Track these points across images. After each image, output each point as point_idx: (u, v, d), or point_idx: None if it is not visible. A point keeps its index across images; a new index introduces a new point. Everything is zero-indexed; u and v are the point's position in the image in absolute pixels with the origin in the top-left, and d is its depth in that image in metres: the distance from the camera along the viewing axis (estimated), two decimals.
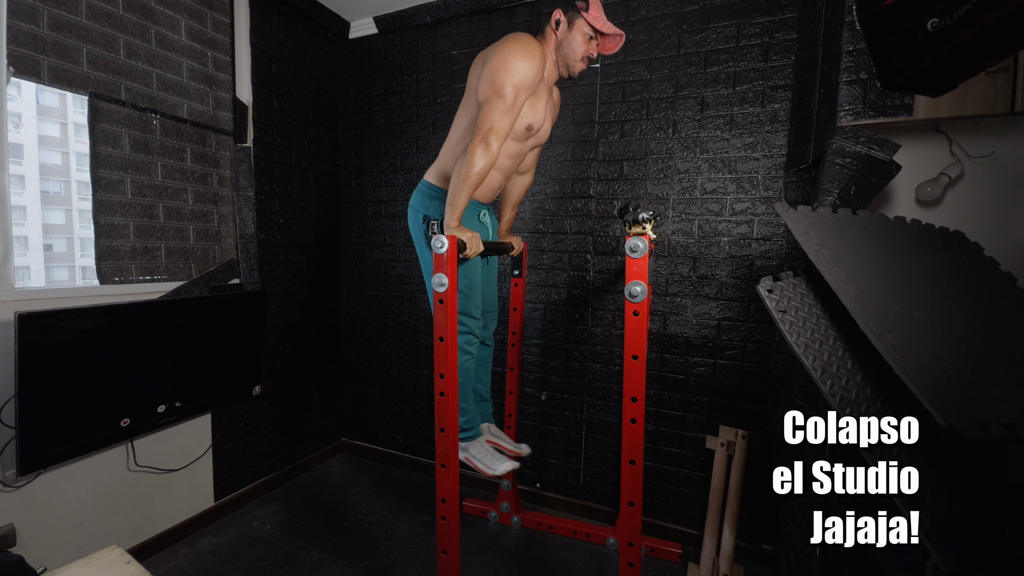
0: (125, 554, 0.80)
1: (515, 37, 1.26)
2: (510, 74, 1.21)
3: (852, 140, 1.26)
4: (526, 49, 1.23)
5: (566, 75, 1.38)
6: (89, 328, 1.42)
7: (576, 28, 1.31)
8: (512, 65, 1.21)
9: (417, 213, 1.42)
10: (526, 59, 1.22)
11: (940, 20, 0.53)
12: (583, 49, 1.33)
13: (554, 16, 1.33)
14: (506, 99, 1.21)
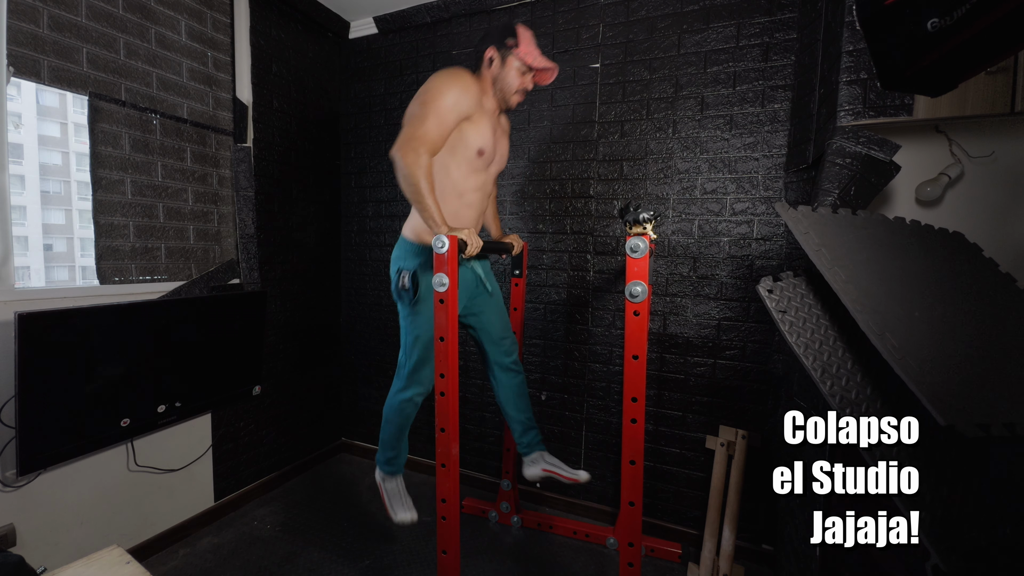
0: (125, 554, 0.80)
1: (442, 70, 1.35)
2: (431, 94, 1.29)
3: (852, 140, 1.26)
4: (450, 76, 1.32)
5: (504, 107, 1.47)
6: (89, 328, 1.42)
7: (509, 64, 1.39)
8: (434, 88, 1.30)
9: (395, 266, 1.49)
10: (449, 81, 1.30)
11: (940, 20, 0.53)
12: (517, 83, 1.41)
13: (487, 54, 1.41)
14: (426, 113, 1.27)
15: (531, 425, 1.68)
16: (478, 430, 2.28)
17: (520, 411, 1.67)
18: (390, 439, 1.62)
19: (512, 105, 1.45)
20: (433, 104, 1.27)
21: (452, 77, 1.31)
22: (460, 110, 1.31)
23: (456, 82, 1.31)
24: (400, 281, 1.44)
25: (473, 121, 1.35)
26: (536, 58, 1.39)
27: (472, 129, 1.36)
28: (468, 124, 1.35)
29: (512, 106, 1.46)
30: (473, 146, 1.38)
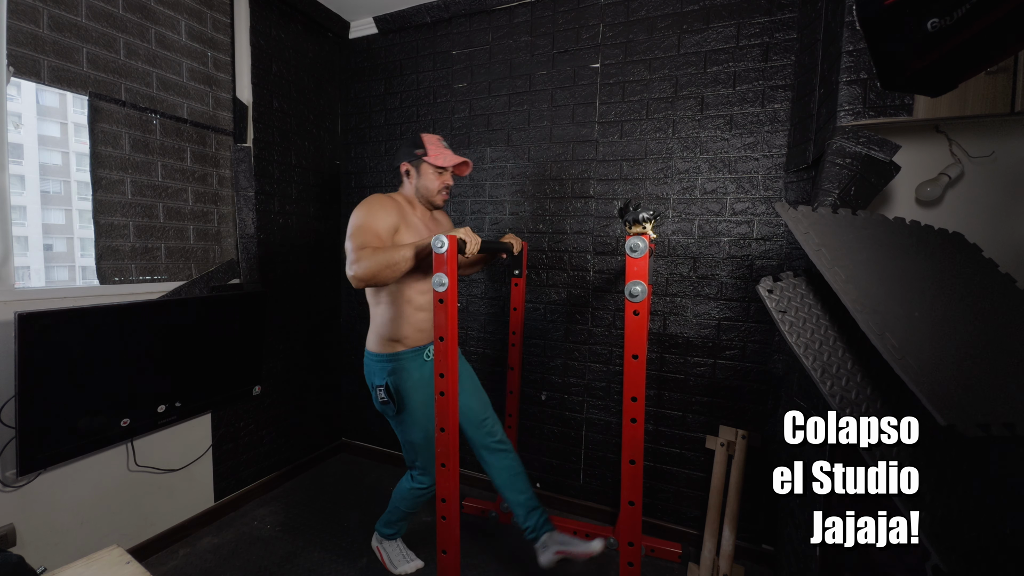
0: (125, 554, 0.80)
1: (363, 201, 1.45)
2: (359, 223, 1.38)
3: (852, 140, 1.26)
4: (368, 204, 1.42)
5: (430, 208, 1.59)
6: (89, 328, 1.42)
7: (423, 171, 1.51)
8: (359, 218, 1.39)
9: (369, 381, 1.55)
10: (369, 208, 1.41)
11: (940, 20, 0.53)
12: (437, 184, 1.52)
13: (402, 169, 1.55)
14: (362, 233, 1.36)
15: (534, 505, 1.61)
16: None
17: (519, 492, 1.62)
18: (398, 518, 1.69)
19: (439, 203, 1.55)
20: (359, 227, 1.36)
21: (369, 204, 1.42)
22: (389, 223, 1.40)
23: (374, 205, 1.41)
24: (378, 396, 1.50)
25: (403, 230, 1.44)
26: (446, 159, 1.49)
27: (406, 236, 1.44)
28: (400, 235, 1.43)
29: (440, 203, 1.56)
30: None
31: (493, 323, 2.21)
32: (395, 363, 1.48)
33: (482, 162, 2.19)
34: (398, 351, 1.48)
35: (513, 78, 2.10)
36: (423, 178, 1.51)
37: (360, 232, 1.34)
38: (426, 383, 1.50)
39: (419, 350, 1.51)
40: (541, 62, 2.04)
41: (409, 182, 1.54)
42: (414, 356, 1.50)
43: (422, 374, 1.50)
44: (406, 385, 1.47)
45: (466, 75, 2.20)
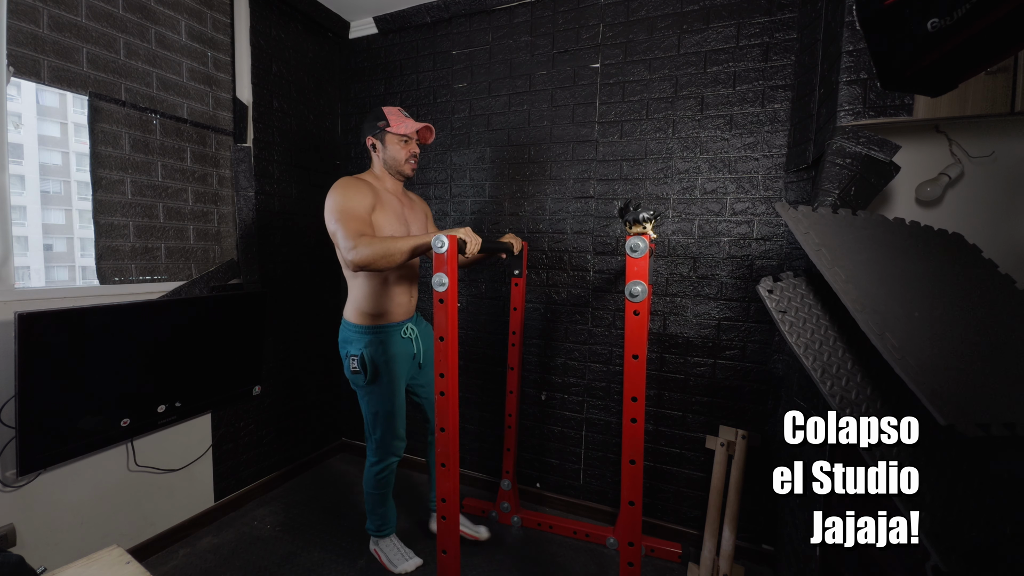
0: (125, 554, 0.80)
1: (333, 186, 1.47)
2: (337, 206, 1.41)
3: (852, 140, 1.26)
4: (341, 186, 1.45)
5: (401, 179, 1.61)
6: (89, 328, 1.42)
7: (388, 142, 1.54)
8: (335, 202, 1.42)
9: (343, 350, 1.59)
10: (343, 190, 1.44)
11: (940, 20, 0.53)
12: (404, 153, 1.56)
13: (368, 143, 1.58)
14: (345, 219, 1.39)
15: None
16: (478, 430, 2.28)
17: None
18: (376, 506, 1.71)
19: (409, 173, 1.59)
20: (344, 211, 1.39)
21: (344, 187, 1.45)
22: (366, 204, 1.44)
23: (349, 188, 1.45)
24: (350, 365, 1.54)
25: (378, 210, 1.48)
26: (408, 126, 1.53)
27: (380, 217, 1.48)
28: (376, 215, 1.47)
29: (410, 174, 1.60)
30: (386, 231, 1.49)
31: (493, 323, 2.21)
32: (373, 335, 1.54)
33: (482, 162, 2.19)
34: (378, 324, 1.54)
35: (513, 78, 2.10)
36: (389, 149, 1.55)
37: (347, 217, 1.38)
38: (400, 359, 1.57)
39: (398, 326, 1.58)
40: (541, 62, 2.04)
41: (377, 156, 1.58)
42: (392, 331, 1.57)
43: (397, 350, 1.56)
44: (380, 358, 1.53)
45: (466, 75, 2.20)
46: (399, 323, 1.59)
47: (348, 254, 1.34)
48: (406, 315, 1.62)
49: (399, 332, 1.58)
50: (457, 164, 2.25)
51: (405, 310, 1.61)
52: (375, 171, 1.59)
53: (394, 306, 1.57)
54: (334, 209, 1.40)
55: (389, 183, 1.59)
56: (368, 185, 1.50)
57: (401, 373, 1.59)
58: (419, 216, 1.67)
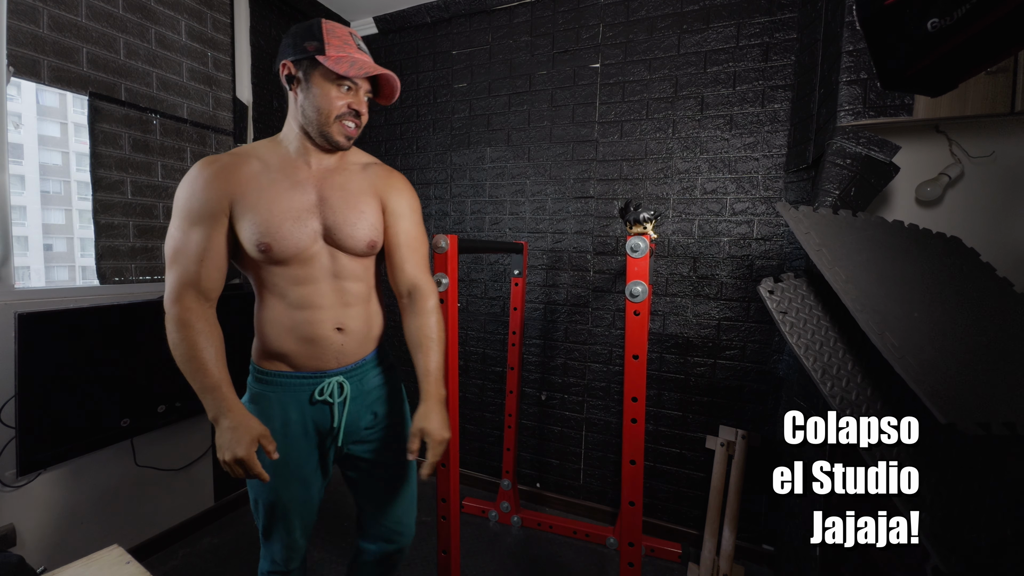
0: (125, 554, 0.80)
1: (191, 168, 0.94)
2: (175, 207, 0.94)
3: (852, 141, 1.26)
4: (188, 177, 0.93)
5: (329, 148, 0.96)
6: (89, 328, 1.42)
7: (315, 81, 0.90)
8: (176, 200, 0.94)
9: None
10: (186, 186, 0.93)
11: (940, 20, 0.53)
12: (335, 105, 0.91)
13: (282, 73, 0.93)
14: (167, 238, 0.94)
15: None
16: (478, 430, 2.28)
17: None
18: None
19: (342, 142, 0.94)
20: (171, 224, 0.93)
21: (190, 177, 0.93)
22: (203, 206, 0.90)
23: (190, 178, 0.92)
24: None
25: (245, 199, 0.90)
26: (355, 65, 0.89)
27: (247, 210, 0.90)
28: (241, 208, 0.91)
29: (343, 144, 0.95)
30: (249, 242, 0.90)
31: (493, 323, 2.21)
32: (259, 386, 0.99)
33: (482, 162, 2.19)
34: (268, 370, 0.98)
35: (513, 78, 2.10)
36: (314, 92, 0.90)
37: (169, 236, 0.92)
38: (294, 436, 0.98)
39: (304, 380, 0.98)
40: (541, 62, 2.04)
41: (293, 100, 0.94)
42: (291, 390, 0.98)
43: (291, 419, 0.98)
44: (269, 425, 0.93)
45: (466, 75, 2.20)
46: (307, 376, 0.98)
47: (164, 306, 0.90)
48: (326, 361, 0.98)
49: (303, 392, 0.98)
50: (457, 164, 2.25)
51: (324, 351, 0.97)
52: (283, 134, 0.98)
53: (294, 342, 0.96)
54: (172, 218, 0.94)
55: (312, 159, 0.96)
56: (239, 162, 0.92)
57: (294, 458, 0.99)
58: (352, 205, 0.97)
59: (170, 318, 0.90)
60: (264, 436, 0.87)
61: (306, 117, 0.93)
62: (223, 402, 0.87)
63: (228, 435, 0.85)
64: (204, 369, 0.88)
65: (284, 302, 0.95)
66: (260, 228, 0.90)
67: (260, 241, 0.90)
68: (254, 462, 0.84)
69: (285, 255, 0.91)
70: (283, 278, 0.94)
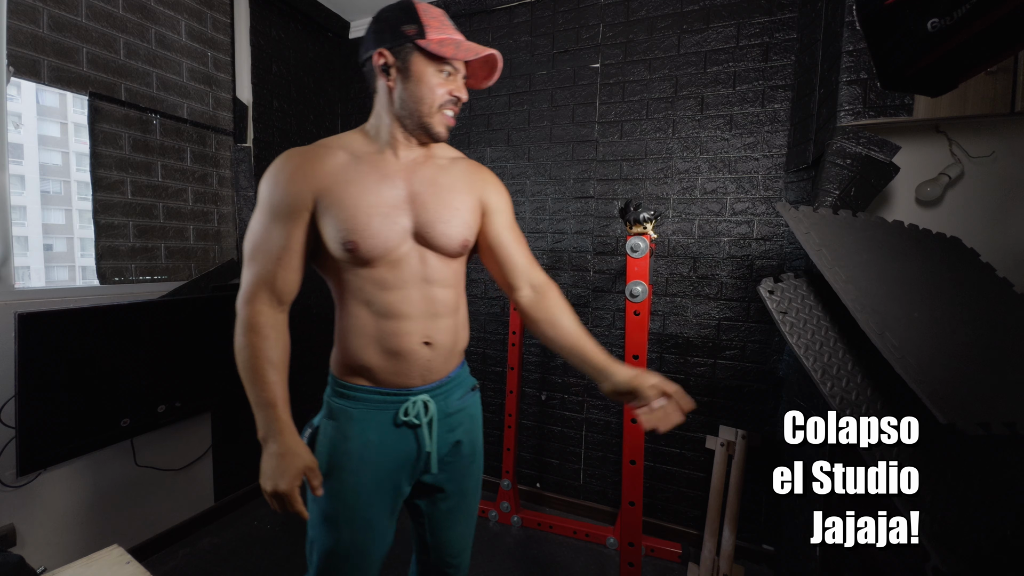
0: (125, 554, 0.80)
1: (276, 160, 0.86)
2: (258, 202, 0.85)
3: (852, 141, 1.26)
4: (270, 170, 0.85)
5: (427, 140, 0.88)
6: (89, 328, 1.42)
7: (416, 66, 0.82)
8: (258, 198, 0.85)
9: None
10: (267, 177, 0.84)
11: (940, 20, 0.53)
12: (438, 93, 0.83)
13: (376, 62, 0.83)
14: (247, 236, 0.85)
15: None
16: None
17: None
18: None
19: (442, 132, 0.86)
20: (254, 219, 0.84)
21: (271, 170, 0.84)
22: (290, 202, 0.82)
23: (277, 169, 0.84)
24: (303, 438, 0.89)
25: (333, 195, 0.82)
26: (459, 47, 0.81)
27: (334, 206, 0.81)
28: (328, 203, 0.82)
29: (443, 134, 0.87)
30: (334, 241, 0.82)
31: (493, 323, 2.21)
32: (339, 401, 0.90)
33: (482, 162, 2.19)
34: (351, 384, 0.89)
35: (513, 78, 2.10)
36: (415, 79, 0.83)
37: (251, 233, 0.84)
38: (370, 462, 0.87)
39: (387, 397, 0.88)
40: (541, 62, 2.04)
41: (385, 90, 0.86)
42: (373, 407, 0.88)
43: (370, 440, 0.87)
44: (340, 449, 0.87)
45: None
46: (393, 393, 0.88)
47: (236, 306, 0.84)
48: (411, 377, 0.88)
49: (388, 412, 0.88)
50: None
51: (412, 368, 0.87)
52: (370, 124, 0.92)
53: (378, 355, 0.86)
54: (254, 212, 0.85)
55: (400, 152, 0.88)
56: (324, 154, 0.85)
57: (375, 486, 0.88)
58: (445, 202, 0.88)
59: (240, 320, 0.83)
60: (311, 469, 0.81)
61: (406, 108, 0.85)
62: (275, 422, 0.80)
63: (273, 463, 0.79)
64: (263, 381, 0.81)
65: (368, 309, 0.86)
66: (347, 225, 0.81)
67: (347, 239, 0.81)
68: (295, 498, 0.79)
69: (372, 255, 0.83)
70: (369, 282, 0.85)
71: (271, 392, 0.81)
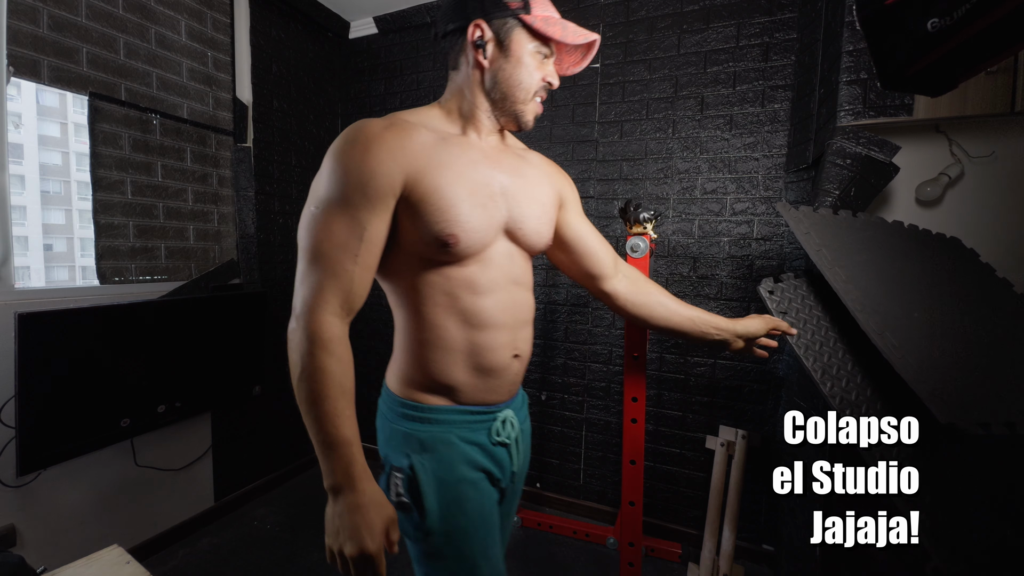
0: (125, 554, 0.80)
1: (341, 135, 0.73)
2: (319, 188, 0.71)
3: (852, 141, 1.26)
4: (345, 145, 0.71)
5: (515, 126, 0.78)
6: (89, 328, 1.42)
7: (516, 43, 0.72)
8: (321, 179, 0.73)
9: (381, 450, 0.84)
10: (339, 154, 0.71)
11: (940, 20, 0.53)
12: (535, 78, 0.74)
13: (471, 35, 0.72)
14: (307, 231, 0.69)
15: None
16: None
17: None
18: None
19: (530, 122, 0.78)
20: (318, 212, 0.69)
21: (346, 145, 0.71)
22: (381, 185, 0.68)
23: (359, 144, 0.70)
24: (391, 487, 0.76)
25: (428, 179, 0.69)
26: (568, 30, 0.73)
27: (433, 193, 0.68)
28: (423, 188, 0.69)
29: (529, 123, 0.78)
30: (429, 234, 0.69)
31: None
32: (425, 428, 0.76)
33: None
34: (434, 406, 0.76)
35: None
36: (512, 61, 0.73)
37: (316, 227, 0.68)
38: (485, 491, 0.77)
39: (477, 416, 0.77)
40: None
41: (473, 65, 0.74)
42: (467, 428, 0.77)
43: (477, 465, 0.76)
44: (450, 485, 0.74)
45: None
46: (485, 409, 0.78)
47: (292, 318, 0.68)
48: (499, 393, 0.79)
49: (483, 430, 0.78)
50: None
51: (504, 380, 0.78)
52: (450, 102, 0.79)
53: (469, 370, 0.75)
54: (312, 198, 0.73)
55: (483, 135, 0.78)
56: (410, 130, 0.71)
57: (492, 517, 0.78)
58: (532, 196, 0.80)
59: (301, 335, 0.66)
60: (393, 522, 0.67)
61: (499, 90, 0.74)
62: (353, 466, 0.66)
63: (353, 518, 0.63)
64: (335, 416, 0.67)
65: (457, 318, 0.73)
66: (446, 215, 0.68)
67: (446, 232, 0.69)
68: (382, 560, 0.64)
69: (470, 251, 0.72)
70: (458, 284, 0.73)
71: (346, 429, 0.68)
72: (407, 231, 0.71)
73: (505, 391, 0.79)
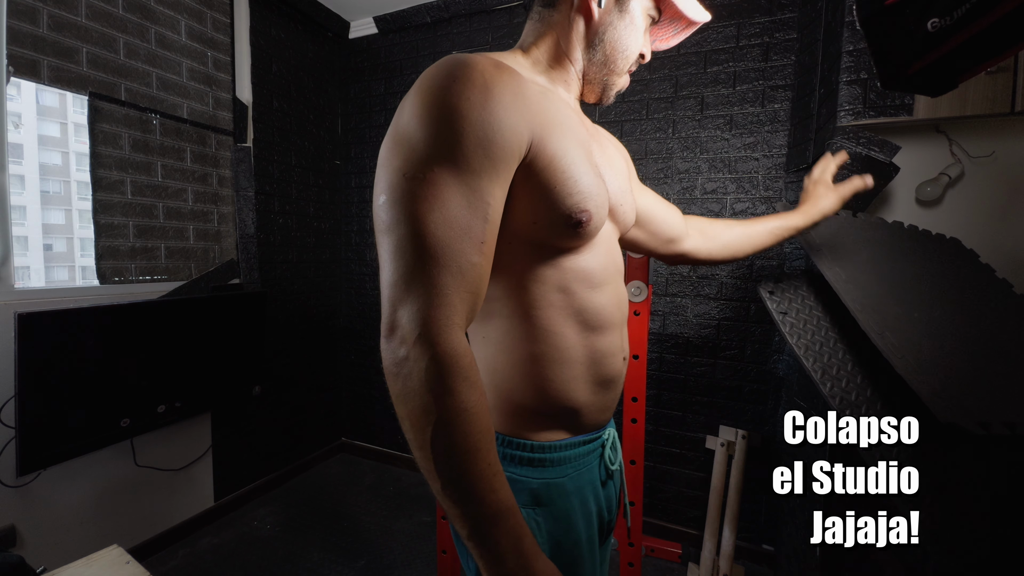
0: (125, 554, 0.80)
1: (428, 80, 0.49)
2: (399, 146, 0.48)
3: (852, 141, 1.26)
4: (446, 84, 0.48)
5: (596, 98, 0.66)
6: (89, 328, 1.42)
7: (630, 8, 0.61)
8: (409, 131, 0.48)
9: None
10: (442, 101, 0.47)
11: (940, 20, 0.53)
12: (638, 46, 0.63)
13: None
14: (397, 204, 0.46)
15: None
16: None
17: None
18: None
19: (611, 96, 0.66)
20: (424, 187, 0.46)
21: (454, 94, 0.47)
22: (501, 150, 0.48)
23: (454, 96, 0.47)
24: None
25: (550, 141, 0.52)
26: (688, 3, 0.64)
27: (557, 157, 0.52)
28: (547, 150, 0.52)
29: (612, 97, 0.67)
30: (560, 211, 0.53)
31: None
32: (538, 474, 0.58)
33: None
34: (552, 443, 0.59)
35: None
36: (627, 20, 0.61)
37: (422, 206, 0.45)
38: (592, 551, 0.64)
39: (589, 446, 0.63)
40: None
41: (588, 13, 0.60)
42: (582, 466, 0.62)
43: (591, 512, 0.62)
44: (567, 546, 0.58)
45: None
46: (596, 435, 0.64)
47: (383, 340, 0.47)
48: (611, 410, 0.65)
49: (592, 461, 0.63)
50: None
51: (613, 395, 0.64)
52: (540, 51, 0.63)
53: (590, 387, 0.61)
54: (400, 158, 0.47)
55: (572, 99, 0.65)
56: (521, 76, 0.53)
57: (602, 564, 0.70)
58: (618, 167, 0.69)
59: (426, 364, 0.44)
60: None
61: (603, 50, 0.61)
62: (523, 542, 0.45)
63: None
64: (492, 476, 0.45)
65: (574, 320, 0.58)
66: (578, 186, 0.53)
67: (580, 208, 0.53)
68: None
69: (594, 233, 0.57)
70: (575, 278, 0.57)
71: (507, 490, 0.46)
72: (522, 209, 0.53)
73: (615, 405, 0.65)
